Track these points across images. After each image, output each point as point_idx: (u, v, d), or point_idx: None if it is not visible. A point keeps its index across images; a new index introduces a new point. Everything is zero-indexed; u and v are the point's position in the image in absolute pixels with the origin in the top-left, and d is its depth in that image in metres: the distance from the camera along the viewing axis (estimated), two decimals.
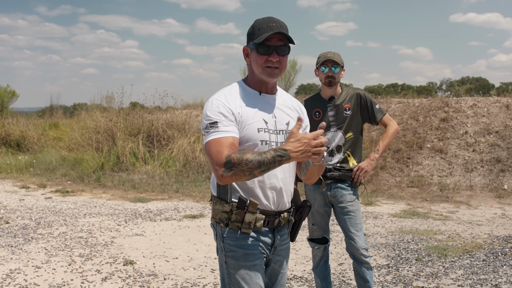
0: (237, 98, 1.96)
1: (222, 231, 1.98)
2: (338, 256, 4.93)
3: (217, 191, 1.98)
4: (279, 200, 2.00)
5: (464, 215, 6.99)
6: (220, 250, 2.01)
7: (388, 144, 3.33)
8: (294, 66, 19.12)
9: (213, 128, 1.87)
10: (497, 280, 4.14)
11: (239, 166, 1.76)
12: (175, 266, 4.64)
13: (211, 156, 1.83)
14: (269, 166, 1.77)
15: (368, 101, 3.29)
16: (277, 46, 1.93)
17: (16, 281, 4.16)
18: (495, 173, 8.79)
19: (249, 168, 1.76)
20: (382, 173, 9.44)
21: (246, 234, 1.96)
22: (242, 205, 1.92)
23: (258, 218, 1.95)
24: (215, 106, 1.91)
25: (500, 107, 10.06)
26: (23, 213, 7.04)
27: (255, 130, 1.93)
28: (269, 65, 1.94)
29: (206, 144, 1.87)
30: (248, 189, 1.95)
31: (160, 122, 11.67)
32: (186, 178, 9.98)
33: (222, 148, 1.81)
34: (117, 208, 7.45)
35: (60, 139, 13.26)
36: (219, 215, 1.96)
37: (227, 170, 1.77)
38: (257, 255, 1.97)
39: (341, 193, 3.24)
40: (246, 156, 1.76)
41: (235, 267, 1.96)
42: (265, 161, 1.76)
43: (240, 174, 1.78)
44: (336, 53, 3.27)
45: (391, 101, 11.60)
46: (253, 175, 1.78)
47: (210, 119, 1.89)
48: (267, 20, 1.95)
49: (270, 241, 2.02)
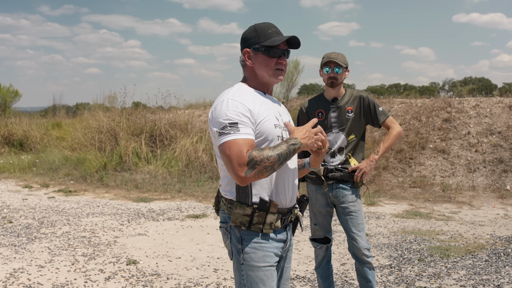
0: (250, 97, 1.98)
1: (241, 234, 1.97)
2: (341, 256, 4.93)
3: (236, 195, 1.97)
4: (293, 196, 2.06)
5: (466, 215, 6.99)
6: (236, 253, 2.00)
7: (390, 147, 3.32)
8: (296, 66, 19.10)
9: (233, 129, 1.86)
10: (499, 280, 4.14)
11: (262, 163, 1.79)
12: (178, 265, 4.65)
13: (232, 157, 1.81)
14: (286, 157, 1.85)
15: (371, 103, 3.29)
16: (285, 50, 2.04)
17: (20, 280, 4.18)
18: (498, 173, 8.79)
19: (270, 163, 1.81)
20: (384, 174, 9.44)
21: (267, 236, 1.98)
22: (264, 207, 1.94)
23: (277, 217, 1.98)
24: (233, 106, 1.90)
25: (503, 107, 10.04)
26: (26, 212, 7.07)
27: (272, 126, 1.96)
28: (279, 67, 2.03)
29: (225, 143, 1.84)
30: (268, 189, 1.97)
31: (162, 122, 11.69)
32: (189, 178, 10.00)
33: (243, 148, 1.82)
34: (120, 208, 7.47)
35: (63, 139, 13.29)
36: (240, 218, 1.95)
37: (250, 169, 1.79)
38: (274, 257, 2.00)
39: (343, 194, 3.25)
40: (266, 152, 1.81)
41: (254, 269, 1.96)
42: (282, 153, 1.84)
43: (262, 171, 1.81)
44: (340, 54, 3.27)
45: (394, 102, 11.59)
46: (274, 169, 1.84)
47: (230, 119, 1.87)
48: (268, 25, 2.04)
49: (284, 238, 2.05)
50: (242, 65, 2.09)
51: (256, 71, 2.03)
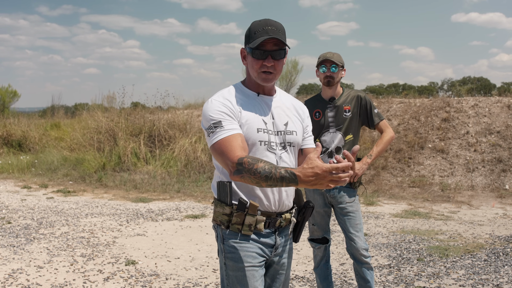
0: (236, 99, 1.97)
1: (222, 233, 1.98)
2: (340, 256, 4.93)
3: (217, 193, 1.98)
4: (280, 201, 1.99)
5: (465, 215, 6.99)
6: (220, 252, 2.02)
7: (382, 151, 3.32)
8: (295, 66, 19.10)
9: (218, 128, 1.87)
10: (498, 280, 4.14)
11: (248, 173, 1.76)
12: (177, 266, 4.65)
13: (224, 155, 1.83)
14: (276, 183, 1.73)
15: (368, 104, 3.29)
16: (272, 51, 1.90)
17: (19, 281, 4.17)
18: (497, 173, 8.79)
19: (256, 178, 1.75)
20: (383, 173, 9.44)
21: (246, 236, 1.96)
22: (242, 208, 1.92)
23: (259, 219, 1.95)
24: (215, 105, 1.91)
25: (502, 107, 10.05)
26: (25, 213, 7.06)
27: (254, 130, 1.93)
28: (264, 70, 1.92)
29: (215, 144, 1.87)
30: (248, 191, 1.94)
31: (161, 122, 11.69)
32: (188, 178, 9.99)
33: (233, 147, 1.82)
34: (119, 208, 7.46)
35: (61, 139, 13.28)
36: (220, 217, 1.96)
37: (237, 171, 1.78)
38: (256, 257, 1.96)
39: (340, 194, 3.24)
40: (257, 165, 1.73)
41: (234, 269, 1.96)
42: (273, 177, 1.72)
43: (247, 180, 1.78)
44: (336, 53, 3.27)
45: (393, 101, 11.60)
46: (260, 185, 1.77)
47: (213, 119, 1.89)
48: (263, 23, 1.92)
49: (271, 242, 2.01)
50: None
51: (249, 71, 2.02)
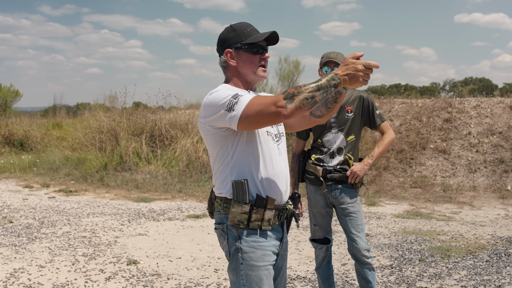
0: (237, 91, 1.98)
1: (239, 233, 1.96)
2: (342, 256, 4.93)
3: (233, 193, 1.94)
4: (286, 193, 2.05)
5: (467, 215, 6.98)
6: (234, 253, 1.97)
7: (383, 153, 3.31)
8: (297, 66, 19.07)
9: (239, 97, 1.86)
10: (500, 281, 4.13)
11: (300, 94, 1.74)
12: (178, 266, 4.65)
13: (261, 106, 1.79)
14: (326, 89, 1.75)
15: (371, 104, 3.28)
16: (266, 45, 2.08)
17: (20, 280, 4.18)
18: (499, 173, 8.78)
19: (309, 92, 1.74)
20: (385, 174, 9.43)
21: (264, 233, 1.97)
22: (261, 203, 1.94)
23: (274, 213, 1.98)
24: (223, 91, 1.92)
25: (504, 107, 10.03)
26: (27, 212, 7.07)
27: None
28: (263, 63, 2.05)
29: (245, 108, 1.81)
30: (263, 186, 1.96)
31: (163, 122, 11.69)
32: (189, 178, 10.00)
33: (264, 96, 1.84)
34: (121, 208, 7.47)
35: (63, 139, 13.30)
36: (238, 217, 1.93)
37: (289, 100, 1.74)
38: (272, 256, 1.99)
39: (342, 195, 3.23)
40: (301, 85, 1.76)
41: (254, 269, 1.94)
42: (322, 85, 1.75)
43: (303, 102, 1.74)
44: (340, 53, 3.26)
45: (395, 102, 11.58)
46: (315, 100, 1.75)
47: (229, 94, 1.88)
48: (245, 24, 2.07)
49: (280, 235, 2.05)
50: (224, 67, 2.08)
51: (240, 70, 2.04)
